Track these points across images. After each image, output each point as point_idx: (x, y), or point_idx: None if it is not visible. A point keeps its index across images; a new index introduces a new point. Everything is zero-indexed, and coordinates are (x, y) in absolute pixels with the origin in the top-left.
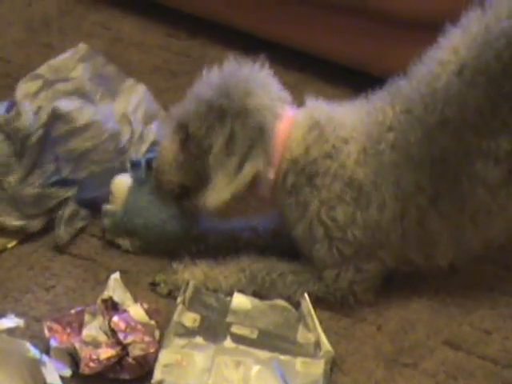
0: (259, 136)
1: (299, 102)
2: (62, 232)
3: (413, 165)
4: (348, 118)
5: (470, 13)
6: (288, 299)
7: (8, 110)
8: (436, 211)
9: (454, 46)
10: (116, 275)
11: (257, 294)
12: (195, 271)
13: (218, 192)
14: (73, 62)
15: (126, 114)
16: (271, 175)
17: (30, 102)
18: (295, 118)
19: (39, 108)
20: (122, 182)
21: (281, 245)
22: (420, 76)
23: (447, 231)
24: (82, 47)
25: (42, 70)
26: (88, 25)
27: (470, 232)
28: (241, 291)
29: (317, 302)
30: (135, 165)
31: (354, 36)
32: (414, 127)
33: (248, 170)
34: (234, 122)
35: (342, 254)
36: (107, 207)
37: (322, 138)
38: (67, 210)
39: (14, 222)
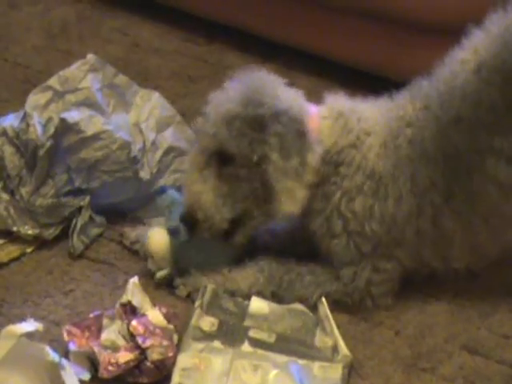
0: (303, 131)
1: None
2: (76, 242)
3: (427, 160)
4: (370, 111)
5: (492, 15)
6: (306, 300)
7: (20, 121)
8: (449, 209)
9: (474, 46)
10: (135, 279)
11: (275, 295)
12: (214, 273)
13: (295, 192)
14: (82, 73)
15: (138, 123)
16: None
17: (40, 114)
18: (320, 113)
19: (49, 119)
20: (160, 241)
21: (298, 248)
22: (440, 75)
23: (461, 232)
24: (91, 58)
25: (52, 81)
26: (106, 31)
27: (484, 234)
28: (259, 292)
29: (334, 305)
30: (174, 232)
31: (371, 40)
32: (429, 123)
33: (311, 161)
34: (277, 126)
35: (360, 250)
36: (158, 275)
37: (346, 127)
38: (80, 220)
39: (29, 231)
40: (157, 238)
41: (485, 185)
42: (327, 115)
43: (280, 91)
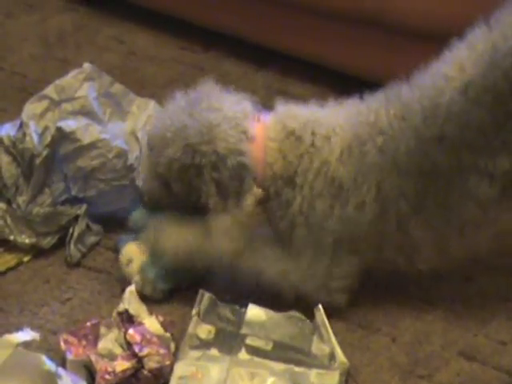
0: (242, 170)
1: None
2: (73, 250)
3: (398, 171)
4: (331, 117)
5: (475, 28)
6: (262, 273)
7: (17, 130)
8: (418, 220)
9: (459, 62)
10: (131, 288)
11: (247, 268)
12: (182, 232)
13: (229, 238)
14: (78, 82)
15: (135, 131)
16: (259, 194)
17: (37, 123)
18: (267, 132)
19: (45, 128)
20: (131, 247)
21: None
22: (423, 87)
23: (431, 239)
24: (88, 67)
25: (48, 90)
26: (103, 39)
27: (455, 242)
28: (230, 263)
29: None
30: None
31: (364, 47)
32: (406, 136)
33: (248, 204)
34: (215, 171)
35: (320, 241)
36: (136, 279)
37: (297, 142)
38: (77, 229)
39: (26, 239)
40: (132, 247)
41: (464, 201)
42: (275, 136)
43: (221, 126)
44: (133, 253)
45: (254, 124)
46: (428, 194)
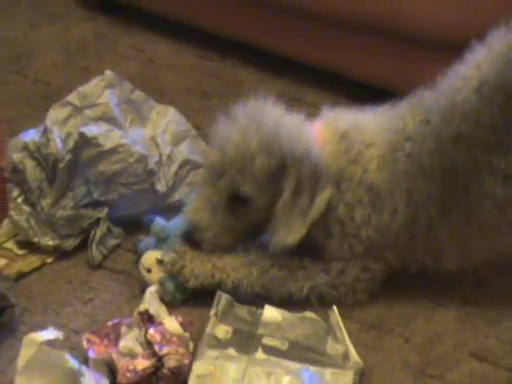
0: (318, 172)
1: None
2: (95, 252)
3: (424, 175)
4: (371, 123)
5: (495, 31)
6: (295, 294)
7: (41, 136)
8: (444, 221)
9: (477, 63)
10: (151, 289)
11: (265, 289)
12: (204, 259)
13: (294, 231)
14: (100, 89)
15: (154, 137)
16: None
17: (60, 129)
18: (322, 135)
19: (68, 134)
20: (151, 256)
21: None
22: (442, 89)
23: (455, 240)
24: (109, 74)
25: (71, 97)
26: (123, 48)
27: (477, 243)
28: (250, 284)
29: (320, 299)
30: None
31: (377, 55)
32: (428, 138)
33: (322, 202)
34: (296, 170)
35: (353, 250)
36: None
37: (348, 147)
38: (99, 231)
39: (50, 242)
40: (153, 255)
41: (482, 201)
42: (330, 139)
43: (292, 129)
44: (152, 263)
45: (314, 131)
46: (450, 196)
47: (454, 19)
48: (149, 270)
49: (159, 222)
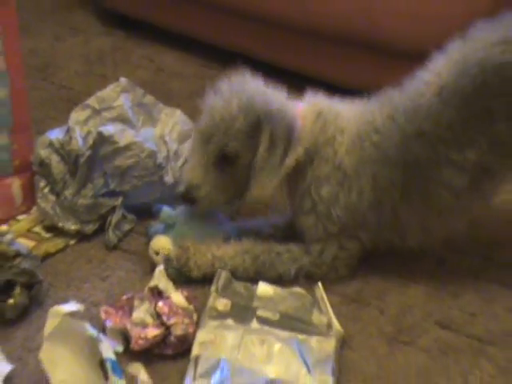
0: (290, 131)
1: None
2: (111, 236)
3: (389, 164)
4: (346, 111)
5: (453, 41)
6: (285, 275)
7: (64, 134)
8: (406, 204)
9: (438, 70)
10: (160, 267)
11: (258, 273)
12: (204, 251)
13: (268, 181)
14: (115, 94)
15: (163, 135)
16: (300, 157)
17: (81, 128)
18: (303, 112)
19: (88, 133)
20: (163, 240)
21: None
22: (407, 92)
23: (416, 221)
24: (123, 81)
25: (91, 100)
26: (136, 58)
27: (435, 223)
28: (245, 270)
29: (307, 278)
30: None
31: (358, 64)
32: (394, 133)
33: (291, 158)
34: (270, 126)
35: (327, 230)
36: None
37: (325, 126)
38: (115, 217)
39: (72, 226)
40: (162, 240)
41: (440, 189)
42: (309, 115)
43: (272, 95)
44: (160, 246)
45: (295, 105)
46: (412, 183)
47: (426, 32)
48: (157, 253)
49: (166, 210)
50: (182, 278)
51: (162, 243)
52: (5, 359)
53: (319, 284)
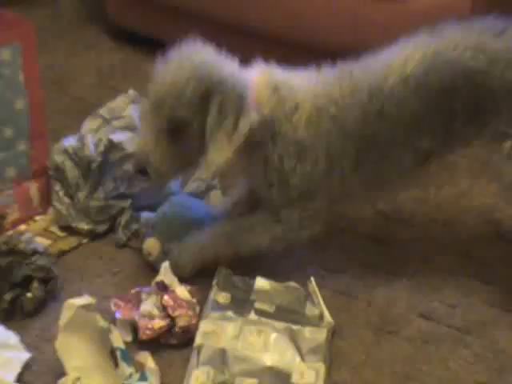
0: (242, 99)
1: None
2: (120, 235)
3: (344, 135)
4: (301, 83)
5: (420, 32)
6: (260, 246)
7: (77, 141)
8: (355, 176)
9: (404, 57)
10: (166, 264)
11: (236, 252)
12: (187, 250)
13: (222, 150)
14: (124, 104)
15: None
16: (254, 119)
17: (93, 136)
18: (257, 83)
19: (99, 140)
20: (153, 243)
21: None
22: (371, 71)
23: (362, 191)
24: (132, 92)
25: (102, 111)
26: (144, 71)
27: (379, 194)
28: (224, 251)
29: (282, 244)
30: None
31: None
32: (354, 108)
33: (243, 126)
34: (220, 90)
35: (289, 196)
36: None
37: (282, 100)
38: (124, 218)
39: (85, 226)
40: (151, 242)
41: (390, 165)
42: (263, 87)
43: (222, 62)
44: (150, 247)
45: (250, 76)
46: (365, 156)
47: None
48: (149, 254)
49: (143, 215)
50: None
51: (151, 244)
52: (24, 348)
53: (312, 279)
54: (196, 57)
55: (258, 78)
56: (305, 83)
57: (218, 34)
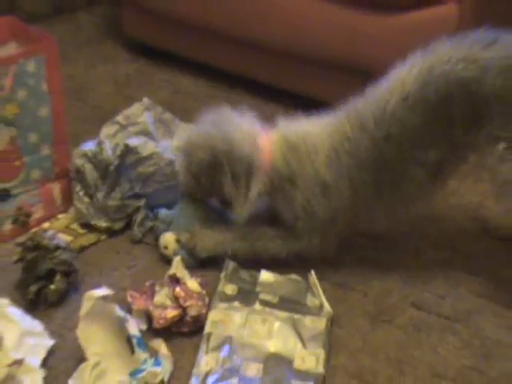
0: (251, 167)
1: None
2: (136, 232)
3: (361, 166)
4: (315, 129)
5: (415, 52)
6: (277, 256)
7: (96, 146)
8: (378, 197)
9: (401, 78)
10: (178, 258)
11: (254, 254)
12: (210, 236)
13: (242, 208)
14: (139, 111)
15: (180, 147)
16: (265, 185)
17: (110, 141)
18: (273, 141)
19: (116, 145)
20: (169, 237)
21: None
22: (373, 99)
23: (385, 210)
24: (146, 100)
25: (118, 117)
26: (157, 81)
27: (400, 210)
28: (245, 254)
29: (295, 258)
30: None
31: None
32: (364, 138)
33: (254, 191)
34: (231, 166)
35: (314, 225)
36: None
37: (295, 151)
38: (139, 216)
39: (104, 224)
40: (167, 236)
41: (406, 182)
42: (277, 140)
43: (237, 134)
44: (166, 241)
45: (263, 137)
46: (382, 180)
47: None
48: (165, 247)
49: (162, 211)
50: (193, 262)
51: (167, 238)
52: (48, 335)
53: (312, 272)
54: (213, 128)
55: (269, 136)
56: (318, 127)
57: (221, 45)
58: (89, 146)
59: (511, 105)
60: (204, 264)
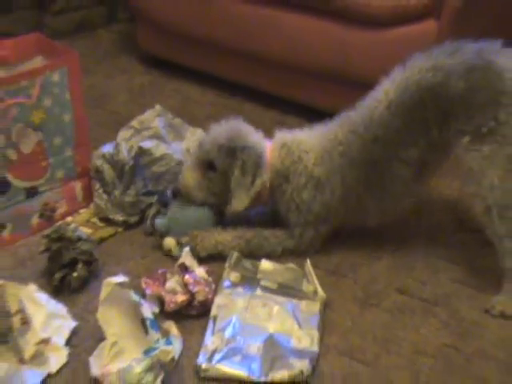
0: (260, 161)
1: None
2: (149, 225)
3: (353, 166)
4: (308, 136)
5: (396, 68)
6: (272, 254)
7: (113, 148)
8: (368, 194)
9: (385, 89)
10: (187, 249)
11: (251, 252)
12: (209, 237)
13: (241, 200)
14: (152, 117)
15: (188, 148)
16: (267, 183)
17: (126, 143)
18: (273, 147)
19: (131, 147)
20: (168, 241)
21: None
22: (362, 108)
23: (375, 206)
24: (158, 107)
25: (133, 122)
26: (168, 90)
27: (390, 206)
28: (241, 252)
29: (290, 254)
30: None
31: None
32: (355, 142)
33: (258, 183)
34: (243, 155)
35: (306, 219)
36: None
37: (289, 152)
38: (152, 211)
39: (120, 218)
40: (169, 240)
41: (393, 181)
42: (276, 147)
43: (249, 133)
44: (168, 245)
45: (266, 143)
46: (372, 178)
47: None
48: (169, 251)
49: (158, 221)
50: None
51: (169, 242)
52: (71, 318)
53: (308, 261)
54: (231, 129)
55: (272, 143)
56: (311, 136)
57: (225, 58)
58: (107, 148)
59: (472, 103)
60: (210, 256)
